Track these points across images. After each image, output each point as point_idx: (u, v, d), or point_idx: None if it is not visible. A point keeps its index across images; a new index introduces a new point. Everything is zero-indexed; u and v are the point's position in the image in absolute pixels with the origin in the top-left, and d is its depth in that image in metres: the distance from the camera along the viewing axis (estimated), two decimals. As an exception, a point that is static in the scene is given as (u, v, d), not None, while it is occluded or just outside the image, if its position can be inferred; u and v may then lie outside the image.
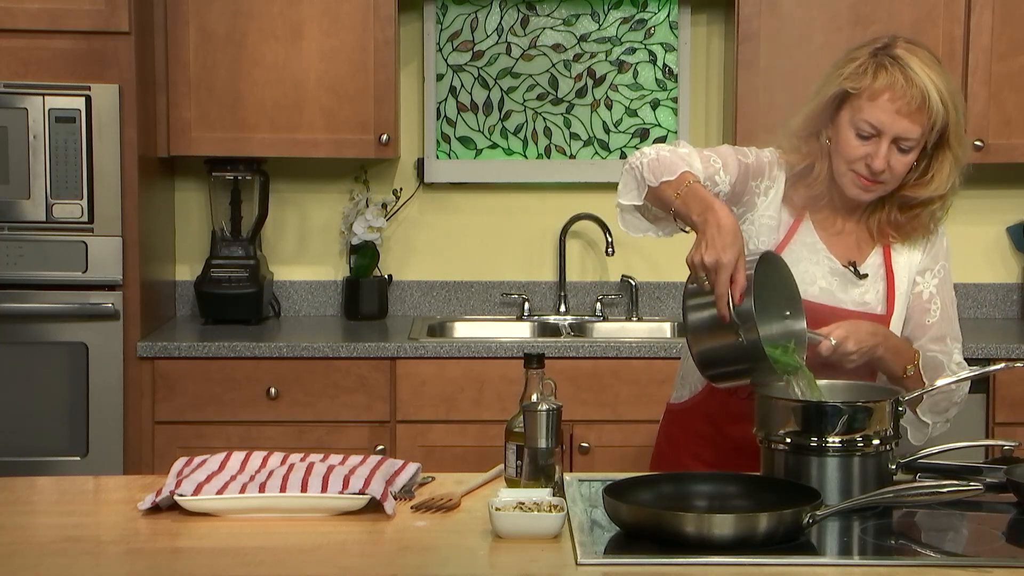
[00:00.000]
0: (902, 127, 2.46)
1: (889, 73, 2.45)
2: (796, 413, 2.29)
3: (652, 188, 2.49)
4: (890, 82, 2.45)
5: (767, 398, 2.35)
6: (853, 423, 2.26)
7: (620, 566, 2.01)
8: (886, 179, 2.51)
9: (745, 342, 2.32)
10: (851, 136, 2.49)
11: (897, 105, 2.45)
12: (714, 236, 2.32)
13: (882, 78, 2.46)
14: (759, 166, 2.61)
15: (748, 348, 2.33)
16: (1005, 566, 2.01)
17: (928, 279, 2.66)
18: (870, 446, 2.27)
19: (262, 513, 2.24)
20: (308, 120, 4.12)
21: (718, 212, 2.35)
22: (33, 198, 3.82)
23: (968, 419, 3.86)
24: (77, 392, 3.84)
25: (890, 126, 2.46)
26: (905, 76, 2.44)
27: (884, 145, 2.47)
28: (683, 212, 2.42)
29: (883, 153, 2.47)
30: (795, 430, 2.28)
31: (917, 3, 4.11)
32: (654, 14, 4.48)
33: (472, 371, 3.91)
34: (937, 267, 2.67)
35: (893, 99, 2.45)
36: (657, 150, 2.52)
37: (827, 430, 2.26)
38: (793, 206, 2.62)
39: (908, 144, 2.48)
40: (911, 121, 2.46)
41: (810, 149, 2.57)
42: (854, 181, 2.52)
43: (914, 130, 2.46)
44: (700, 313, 2.38)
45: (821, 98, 2.54)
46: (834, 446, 2.26)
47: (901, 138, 2.47)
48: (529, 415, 2.30)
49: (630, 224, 2.62)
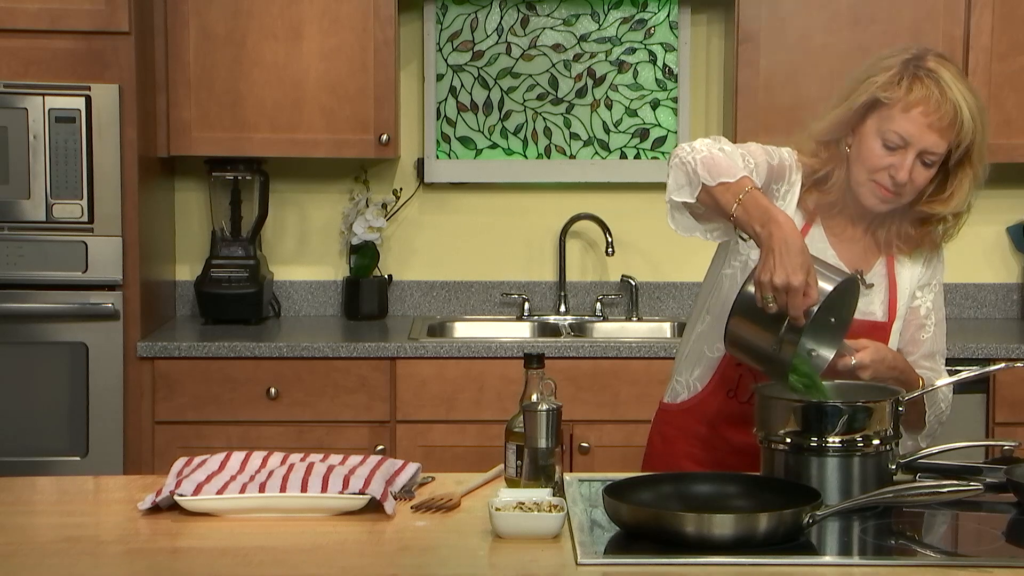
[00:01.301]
0: (931, 141, 2.43)
1: (924, 86, 2.42)
2: (796, 413, 2.29)
3: (707, 187, 2.40)
4: (925, 95, 2.42)
5: (767, 398, 2.35)
6: (853, 423, 2.26)
7: (620, 566, 2.01)
8: (906, 192, 2.48)
9: (779, 352, 2.32)
10: (877, 146, 2.46)
11: (930, 119, 2.42)
12: (783, 255, 2.28)
13: (917, 90, 2.43)
14: (781, 169, 2.56)
15: (777, 357, 2.33)
16: (1005, 566, 2.01)
17: (926, 294, 2.66)
18: (870, 446, 2.27)
19: (262, 513, 2.24)
20: (308, 120, 4.12)
21: (783, 227, 2.30)
22: (33, 198, 3.82)
23: (968, 419, 3.86)
24: (77, 392, 3.84)
25: (919, 139, 2.43)
26: (940, 90, 2.42)
27: (910, 157, 2.44)
28: (743, 220, 2.36)
29: (908, 165, 2.44)
30: (795, 430, 2.28)
31: (917, 3, 4.11)
32: (654, 14, 4.48)
33: (472, 371, 3.91)
34: (934, 282, 2.67)
35: (927, 113, 2.42)
36: (708, 147, 2.44)
37: (827, 430, 2.26)
38: (806, 210, 2.59)
39: (932, 159, 2.45)
40: (940, 136, 2.43)
41: (831, 155, 2.54)
42: (873, 191, 2.49)
43: (941, 145, 2.44)
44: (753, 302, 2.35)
45: (850, 105, 2.50)
46: (834, 446, 2.26)
47: (927, 152, 2.44)
48: (529, 415, 2.30)
49: (679, 223, 2.51)
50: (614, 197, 4.50)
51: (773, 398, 2.34)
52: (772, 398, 2.34)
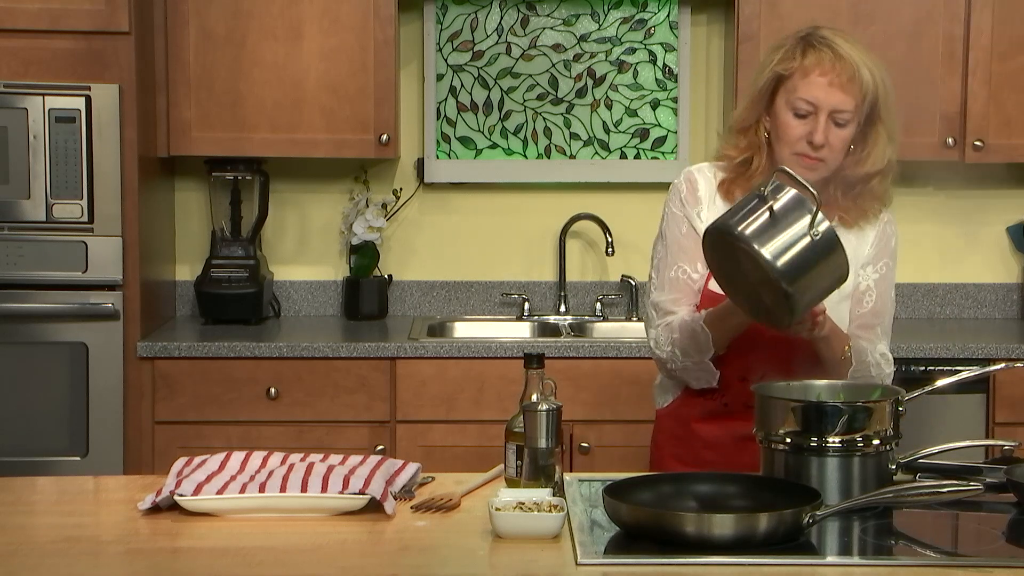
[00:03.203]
0: (837, 99, 2.56)
1: (817, 51, 2.58)
2: (796, 413, 2.29)
3: (715, 350, 2.63)
4: (819, 58, 2.57)
5: (767, 398, 2.35)
6: (853, 423, 2.26)
7: (620, 566, 2.01)
8: (826, 155, 2.59)
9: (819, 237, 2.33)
10: (789, 118, 2.59)
11: (829, 78, 2.56)
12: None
13: (811, 55, 2.58)
14: (678, 218, 2.73)
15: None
16: (1005, 566, 2.01)
17: (869, 273, 2.72)
18: (870, 446, 2.27)
19: (262, 513, 2.24)
20: (308, 120, 4.12)
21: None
22: (33, 198, 3.82)
23: (968, 419, 3.86)
24: (77, 392, 3.84)
25: (825, 100, 2.56)
26: (833, 52, 2.57)
27: (822, 119, 2.57)
28: (741, 328, 2.59)
29: (822, 127, 2.57)
30: (795, 430, 2.29)
31: (917, 3, 4.11)
32: (654, 14, 4.48)
33: (472, 371, 3.91)
34: (880, 264, 2.73)
35: (824, 72, 2.57)
36: (665, 342, 2.69)
37: (827, 430, 2.26)
38: (733, 200, 2.65)
39: (844, 117, 2.57)
40: (844, 92, 2.56)
41: (749, 142, 2.67)
42: (799, 162, 2.59)
43: (848, 102, 2.56)
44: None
45: (756, 86, 2.66)
46: (834, 446, 2.26)
47: (837, 111, 2.56)
48: (529, 415, 2.30)
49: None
50: (614, 197, 4.50)
51: (773, 398, 2.35)
52: (772, 398, 2.35)
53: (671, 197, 2.77)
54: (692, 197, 2.72)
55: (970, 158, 4.13)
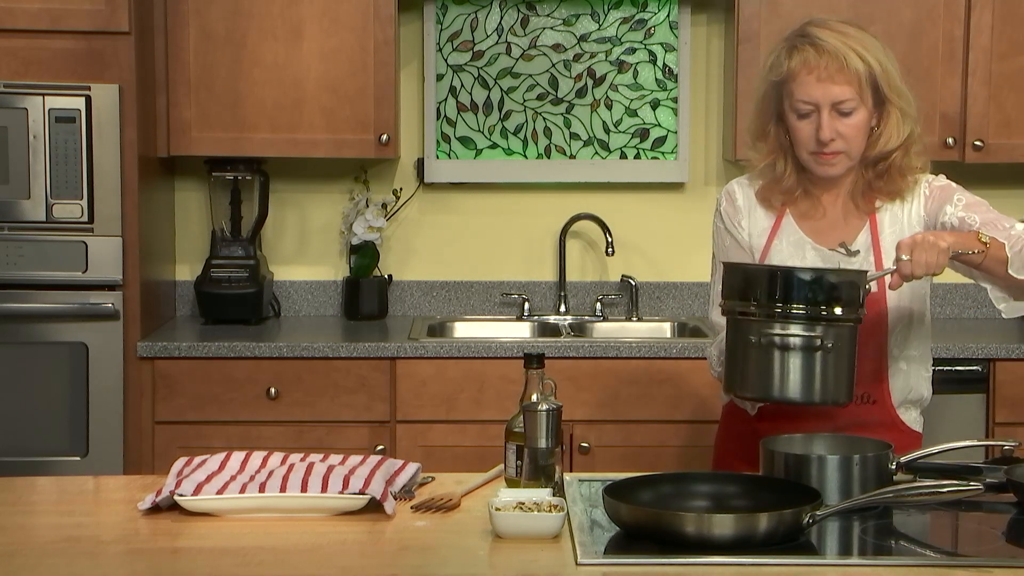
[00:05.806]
0: (832, 92, 2.57)
1: (800, 51, 2.59)
2: (762, 279, 2.35)
3: None
4: (803, 58, 2.58)
5: (734, 265, 2.45)
6: (818, 293, 2.30)
7: (620, 566, 2.01)
8: (840, 147, 2.60)
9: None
10: (795, 120, 2.62)
11: (817, 74, 2.57)
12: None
13: (796, 57, 2.59)
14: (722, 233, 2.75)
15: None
16: (1005, 566, 2.01)
17: (950, 215, 2.63)
18: (834, 315, 2.31)
19: (262, 513, 2.24)
20: (308, 120, 4.12)
21: None
22: (33, 198, 3.82)
23: (968, 419, 3.86)
24: (77, 392, 3.84)
25: (820, 96, 2.57)
26: (815, 47, 2.57)
27: (825, 115, 2.58)
28: None
29: (825, 122, 2.58)
30: (760, 299, 2.33)
31: (917, 3, 4.11)
32: (654, 14, 4.48)
33: (472, 371, 3.91)
34: (949, 206, 2.64)
35: (810, 70, 2.57)
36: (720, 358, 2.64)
37: (794, 298, 2.31)
38: (771, 206, 2.72)
39: (847, 106, 2.58)
40: (836, 84, 2.56)
41: (770, 147, 2.69)
42: (817, 161, 2.62)
43: (844, 91, 2.57)
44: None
45: (757, 98, 2.69)
46: (798, 313, 2.30)
47: (837, 103, 2.57)
48: (529, 415, 2.30)
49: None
50: (614, 197, 4.50)
51: (739, 265, 2.45)
52: (737, 265, 2.45)
53: (715, 215, 2.80)
54: (731, 208, 2.75)
55: (970, 158, 4.13)
